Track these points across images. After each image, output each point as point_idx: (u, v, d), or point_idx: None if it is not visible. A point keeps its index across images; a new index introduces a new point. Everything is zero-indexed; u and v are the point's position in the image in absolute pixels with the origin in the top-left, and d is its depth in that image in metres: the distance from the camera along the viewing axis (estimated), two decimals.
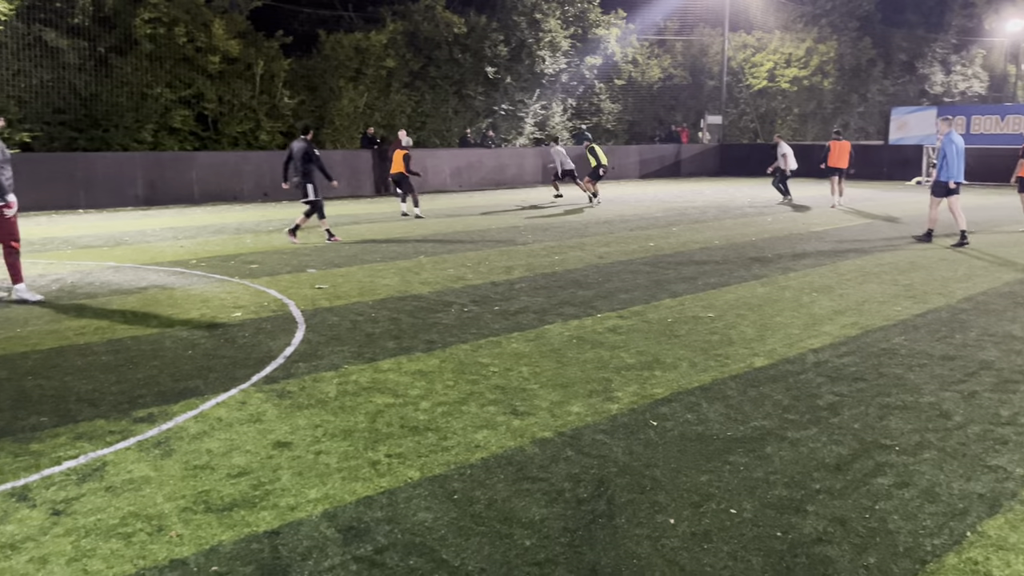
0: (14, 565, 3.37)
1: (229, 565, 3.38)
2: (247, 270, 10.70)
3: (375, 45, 27.23)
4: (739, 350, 6.74)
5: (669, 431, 4.91)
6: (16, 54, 20.28)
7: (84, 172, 19.71)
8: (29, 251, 12.45)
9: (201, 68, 23.49)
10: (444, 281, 9.91)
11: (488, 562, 3.42)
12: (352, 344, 6.92)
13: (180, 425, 4.99)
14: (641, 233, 14.77)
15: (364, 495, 4.03)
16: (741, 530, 3.70)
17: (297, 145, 13.24)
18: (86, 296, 9.00)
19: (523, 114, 32.09)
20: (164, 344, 6.93)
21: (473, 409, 5.29)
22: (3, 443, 4.70)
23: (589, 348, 6.80)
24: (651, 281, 9.90)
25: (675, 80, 37.59)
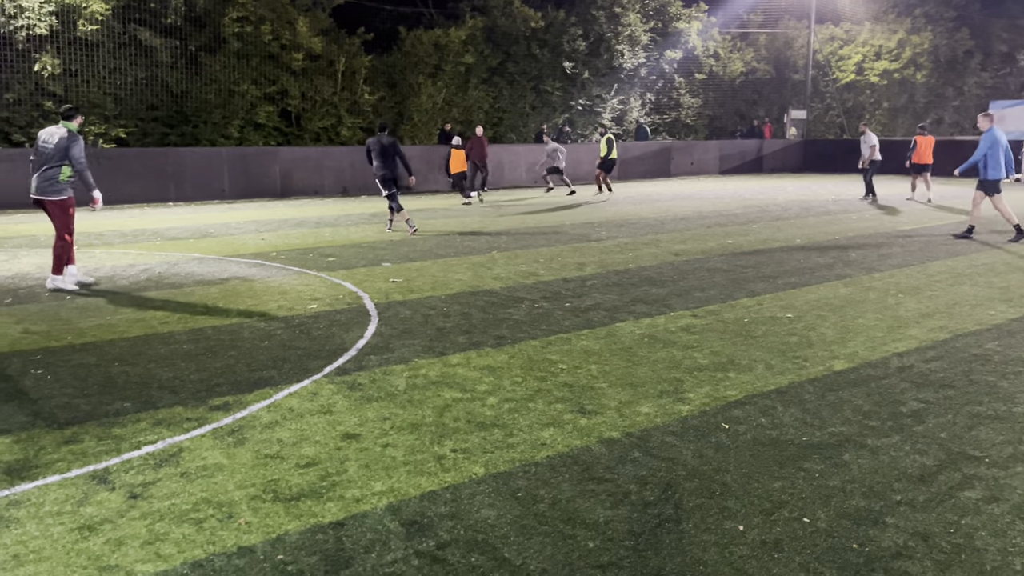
0: (91, 546, 3.48)
1: (294, 555, 3.42)
2: (324, 263, 10.91)
3: (454, 41, 27.42)
4: (818, 352, 6.52)
5: (742, 435, 4.77)
6: (112, 53, 21.16)
7: (174, 167, 20.44)
8: (122, 242, 12.98)
9: (285, 65, 24.08)
10: (516, 276, 9.89)
11: (550, 563, 3.37)
12: (423, 338, 6.97)
13: (253, 414, 5.10)
14: (719, 230, 14.46)
15: (428, 489, 4.04)
16: (814, 540, 3.55)
17: (385, 140, 13.55)
18: (172, 286, 9.31)
19: (600, 109, 31.84)
20: (242, 334, 7.11)
21: (540, 406, 5.24)
22: (88, 426, 4.88)
23: (661, 347, 6.68)
24: (728, 279, 9.67)
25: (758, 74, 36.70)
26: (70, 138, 8.91)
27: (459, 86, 28.22)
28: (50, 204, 9.01)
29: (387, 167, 13.52)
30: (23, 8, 19.52)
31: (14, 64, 19.70)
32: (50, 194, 8.93)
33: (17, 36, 19.50)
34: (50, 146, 8.91)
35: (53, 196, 8.95)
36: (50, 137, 8.98)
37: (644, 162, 29.97)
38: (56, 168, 8.86)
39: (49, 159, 8.86)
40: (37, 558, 3.38)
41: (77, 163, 8.88)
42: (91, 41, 20.65)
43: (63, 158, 8.85)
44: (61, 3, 20.03)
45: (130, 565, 3.33)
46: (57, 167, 8.86)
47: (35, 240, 13.15)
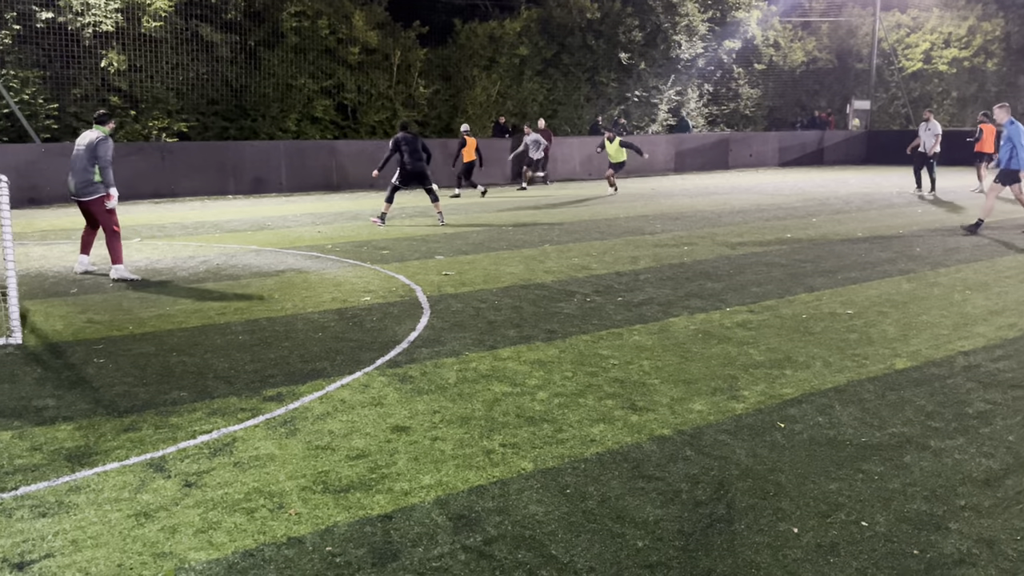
0: (146, 533, 3.56)
1: (343, 546, 3.44)
2: (378, 256, 10.99)
3: (509, 33, 27.35)
4: (879, 350, 6.32)
5: (797, 434, 4.65)
6: (175, 48, 21.64)
7: (234, 160, 20.83)
8: (183, 234, 13.29)
9: (342, 59, 24.32)
10: (568, 270, 9.83)
11: (598, 561, 3.33)
12: (474, 331, 6.96)
13: (306, 405, 5.16)
14: (777, 223, 14.17)
15: (477, 484, 4.02)
16: (872, 545, 3.44)
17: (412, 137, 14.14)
18: (229, 278, 9.49)
19: (656, 100, 31.46)
20: (296, 326, 7.20)
21: (590, 402, 5.19)
22: (147, 415, 4.99)
23: (715, 343, 6.56)
24: (786, 274, 9.46)
25: (820, 64, 35.81)
26: (100, 140, 9.39)
27: (513, 78, 28.16)
28: (90, 204, 9.49)
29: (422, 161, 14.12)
30: (90, 5, 20.08)
31: (81, 60, 20.29)
32: (89, 194, 9.41)
33: (84, 33, 20.08)
34: (83, 148, 9.38)
35: (92, 196, 9.42)
36: (83, 141, 9.48)
37: (701, 154, 29.55)
38: (89, 171, 9.32)
39: (83, 161, 9.34)
40: (95, 543, 3.46)
41: (101, 160, 9.31)
42: (155, 37, 21.15)
43: (94, 158, 9.31)
44: (126, 0, 20.55)
45: (183, 552, 3.39)
46: (92, 168, 9.33)
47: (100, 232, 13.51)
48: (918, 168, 19.78)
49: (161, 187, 19.71)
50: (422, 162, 14.06)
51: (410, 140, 14.08)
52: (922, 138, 19.51)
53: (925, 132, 19.44)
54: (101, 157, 9.31)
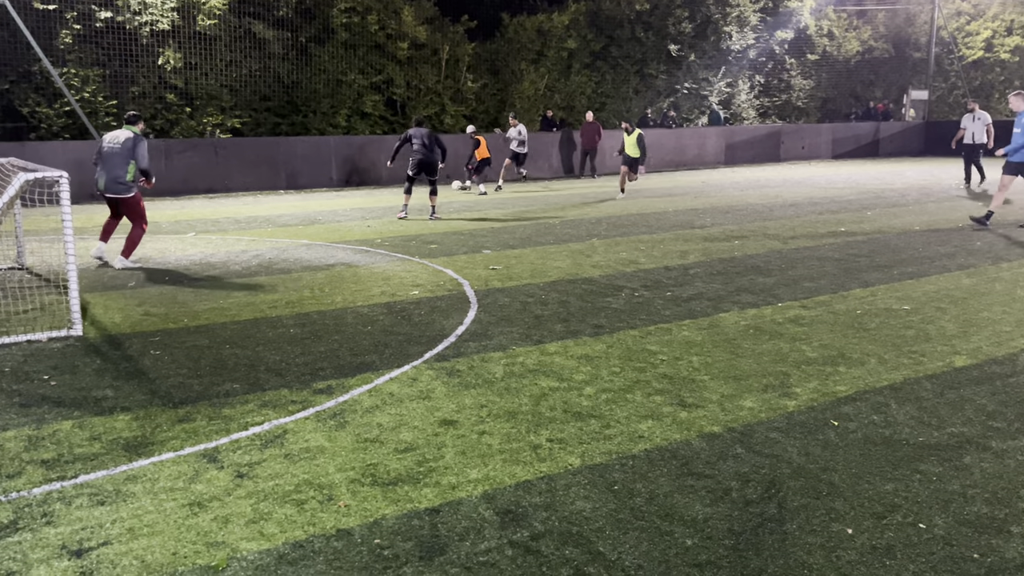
0: (200, 522, 3.63)
1: (390, 539, 3.46)
2: (427, 250, 11.05)
3: (557, 26, 27.24)
4: (937, 347, 6.15)
5: (851, 433, 4.55)
6: (228, 46, 22.01)
7: (285, 156, 21.13)
8: (236, 229, 13.53)
9: (391, 54, 24.48)
10: (616, 264, 9.76)
11: (646, 559, 3.30)
12: (521, 325, 6.96)
13: (355, 398, 5.21)
14: (831, 217, 13.88)
15: (524, 479, 4.02)
16: (930, 548, 3.35)
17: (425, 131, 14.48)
18: (281, 272, 9.63)
19: (707, 92, 31.05)
20: (346, 319, 7.28)
21: (638, 398, 5.15)
22: (201, 407, 5.09)
23: (767, 339, 6.45)
24: (840, 269, 9.26)
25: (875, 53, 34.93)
26: (136, 139, 9.82)
27: (561, 72, 28.04)
28: (121, 202, 9.92)
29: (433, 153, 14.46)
30: (147, 4, 20.53)
31: (139, 59, 20.76)
32: (120, 192, 9.81)
33: (142, 31, 20.54)
34: (117, 146, 9.76)
35: (124, 194, 9.83)
36: (115, 140, 9.84)
37: (752, 147, 29.10)
38: (123, 169, 9.71)
39: (116, 159, 9.71)
40: (150, 532, 3.54)
41: (141, 161, 9.78)
42: (209, 35, 21.53)
43: (129, 158, 9.72)
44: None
45: (235, 542, 3.45)
46: (124, 167, 9.71)
47: (157, 226, 13.84)
48: (968, 161, 19.16)
49: (215, 182, 20.10)
50: (433, 154, 14.40)
51: (421, 133, 14.47)
52: (969, 129, 18.87)
53: (973, 123, 18.76)
54: (141, 157, 9.78)
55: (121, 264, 9.96)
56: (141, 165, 9.80)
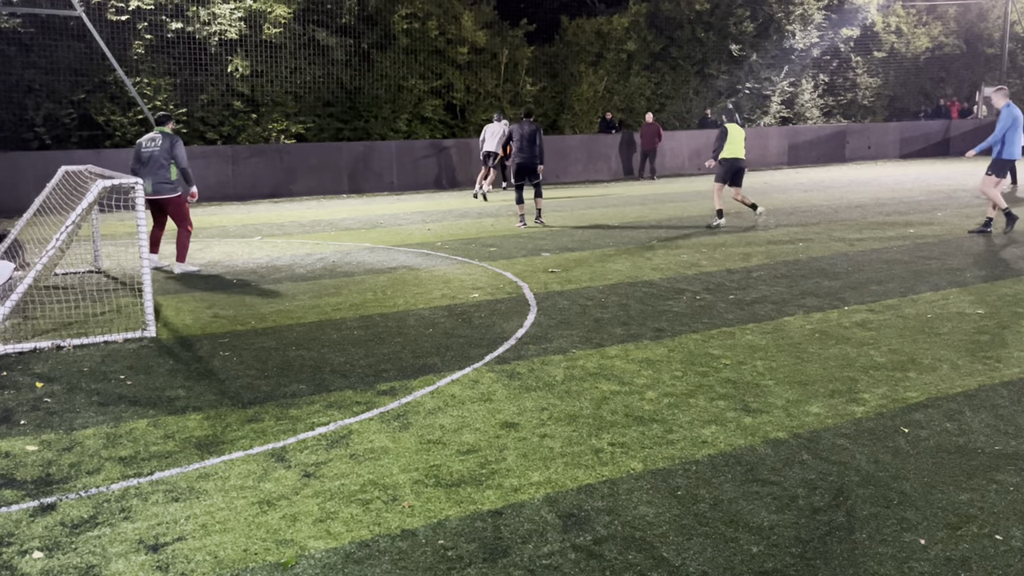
0: (269, 520, 3.72)
1: (454, 540, 3.50)
2: (486, 253, 11.12)
3: (616, 29, 27.12)
4: (1014, 353, 5.95)
5: (923, 440, 4.43)
6: (293, 53, 22.49)
7: (347, 160, 21.49)
8: (301, 232, 13.80)
9: (450, 59, 24.69)
10: (676, 267, 9.67)
11: (711, 565, 3.26)
12: (580, 329, 6.95)
13: (418, 400, 5.27)
14: (899, 218, 13.51)
15: (586, 483, 4.01)
16: (1007, 560, 3.24)
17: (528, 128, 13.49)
18: (344, 274, 9.80)
19: (769, 92, 30.53)
20: (408, 322, 7.37)
21: (701, 403, 5.09)
22: (268, 407, 5.22)
23: (833, 344, 6.32)
24: (909, 272, 9.02)
25: (946, 49, 33.87)
26: (172, 140, 9.87)
27: (620, 73, 27.90)
28: (166, 202, 9.94)
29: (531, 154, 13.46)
30: (216, 15, 21.12)
31: (208, 67, 21.36)
32: (166, 192, 9.84)
33: (211, 41, 21.13)
34: (157, 149, 9.80)
35: (169, 195, 9.86)
36: (151, 142, 9.88)
37: (816, 147, 28.52)
38: (166, 169, 9.77)
39: (157, 160, 9.77)
40: (222, 528, 3.65)
41: (181, 161, 9.84)
42: (275, 43, 22.04)
43: (169, 158, 9.77)
44: (249, 9, 21.50)
45: (303, 540, 3.53)
46: (166, 168, 9.77)
47: (224, 231, 14.21)
48: None
49: (279, 187, 20.55)
50: (533, 156, 13.40)
51: (522, 131, 13.45)
52: None
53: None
54: (180, 158, 9.83)
55: (181, 269, 10.13)
56: (181, 164, 9.85)
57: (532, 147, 13.42)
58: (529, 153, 13.44)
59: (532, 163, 13.49)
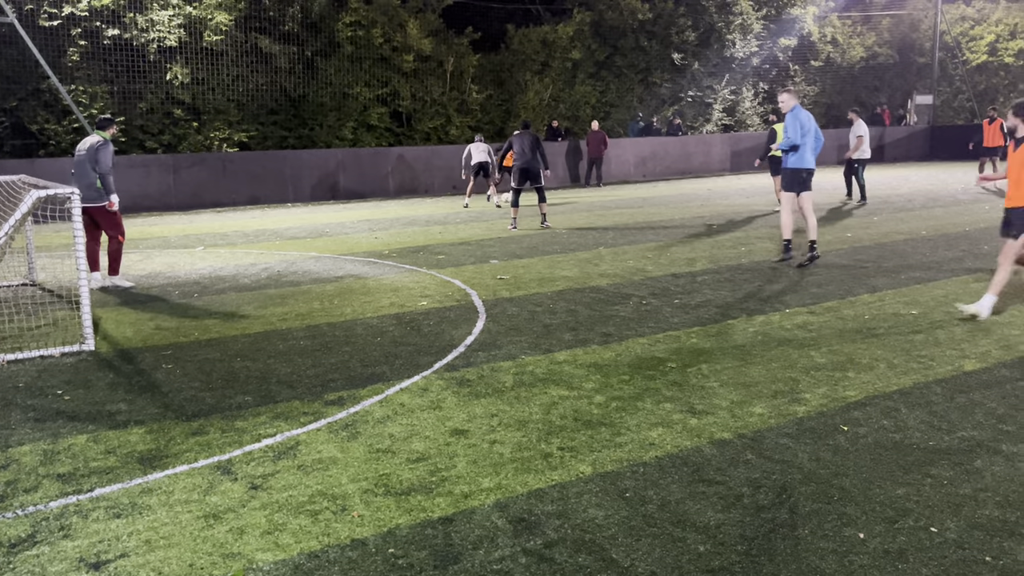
0: (215, 534, 3.66)
1: (405, 549, 3.49)
2: (434, 260, 11.10)
3: (561, 37, 27.37)
4: (946, 352, 6.16)
5: (862, 438, 4.56)
6: (235, 61, 22.19)
7: (292, 169, 21.25)
8: (245, 242, 13.60)
9: (396, 67, 24.63)
10: (623, 273, 9.78)
11: (659, 565, 3.31)
12: (530, 335, 6.98)
13: (366, 409, 5.24)
14: (837, 223, 13.88)
15: (536, 487, 4.04)
16: (943, 552, 3.36)
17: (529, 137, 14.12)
18: (290, 284, 9.68)
19: (711, 100, 31.11)
20: (356, 331, 7.32)
21: (648, 405, 5.16)
22: (213, 419, 5.13)
23: (775, 346, 6.46)
24: (847, 275, 9.27)
25: (880, 59, 34.97)
26: (100, 144, 9.28)
27: (566, 82, 28.16)
28: (94, 211, 9.33)
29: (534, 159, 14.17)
30: (154, 22, 20.72)
31: (147, 75, 20.94)
32: (92, 200, 9.23)
33: (149, 48, 20.72)
34: (84, 153, 9.29)
35: (95, 203, 9.27)
36: (83, 146, 9.39)
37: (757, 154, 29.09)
38: (93, 176, 9.21)
39: (85, 167, 9.23)
40: (167, 544, 3.57)
41: (101, 166, 9.18)
42: (216, 50, 21.71)
43: (95, 164, 9.20)
44: (189, 16, 21.15)
45: (251, 553, 3.48)
46: (94, 174, 9.20)
47: (166, 241, 13.93)
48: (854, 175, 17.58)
49: (222, 196, 20.22)
50: (535, 161, 14.04)
51: (523, 140, 14.08)
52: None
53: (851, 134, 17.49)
54: (101, 163, 9.18)
55: (112, 283, 9.58)
56: (100, 170, 9.14)
57: (535, 154, 14.09)
58: (532, 159, 14.07)
59: (536, 168, 14.13)
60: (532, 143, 14.05)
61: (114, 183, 9.39)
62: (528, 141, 14.06)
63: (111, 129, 9.65)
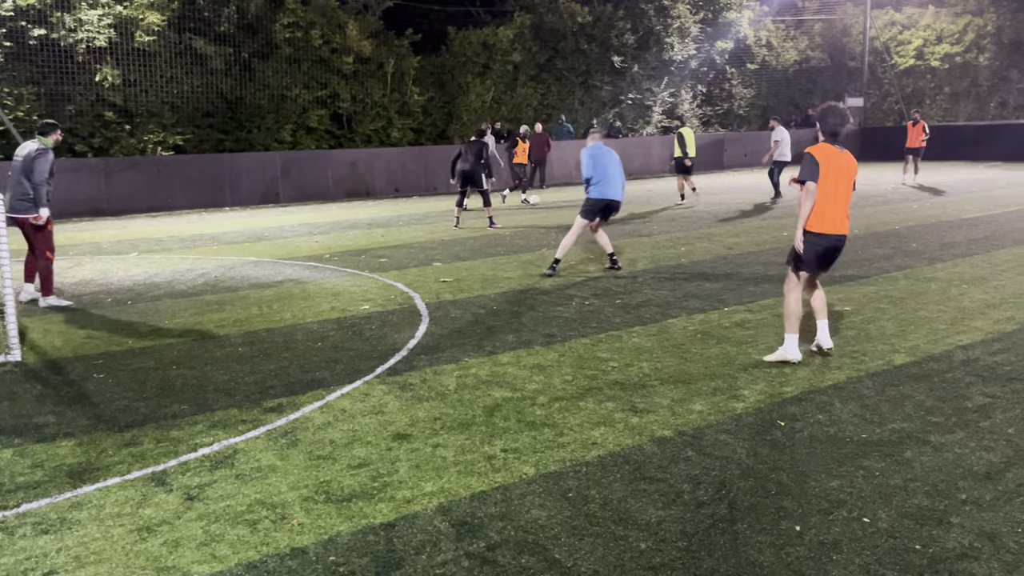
0: (149, 547, 3.55)
1: (346, 556, 3.44)
2: (376, 264, 11.00)
3: (502, 40, 27.41)
4: (877, 346, 6.33)
5: (798, 432, 4.66)
6: (169, 62, 21.67)
7: (230, 172, 20.85)
8: (181, 247, 13.29)
9: (336, 69, 24.35)
10: (566, 273, 9.83)
11: (601, 564, 3.33)
12: (473, 337, 6.97)
13: (306, 415, 5.16)
14: (774, 223, 14.19)
15: (479, 490, 4.02)
16: (875, 541, 3.45)
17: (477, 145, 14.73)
18: (228, 290, 9.49)
19: (651, 103, 31.52)
20: (295, 336, 7.20)
21: (591, 405, 5.20)
22: (147, 429, 4.99)
23: (714, 343, 6.56)
24: (783, 273, 9.43)
25: (813, 62, 35.89)
26: (38, 151, 8.52)
27: (507, 84, 28.21)
28: (25, 222, 8.61)
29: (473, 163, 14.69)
30: (83, 22, 20.11)
31: (75, 76, 20.31)
32: (21, 211, 8.53)
33: (78, 49, 20.11)
34: (20, 160, 8.56)
35: (25, 214, 8.54)
36: (20, 152, 8.64)
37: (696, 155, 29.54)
38: (26, 184, 8.48)
39: (18, 174, 8.52)
40: (97, 559, 3.46)
41: (36, 175, 8.41)
42: (148, 51, 21.18)
43: (30, 172, 8.44)
44: (119, 16, 20.59)
45: (187, 566, 3.39)
46: (27, 183, 8.47)
47: (98, 247, 13.54)
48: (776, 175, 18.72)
49: (157, 201, 19.72)
50: (477, 166, 14.54)
51: (469, 146, 14.75)
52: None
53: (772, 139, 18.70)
54: (37, 172, 8.40)
55: (46, 303, 8.76)
56: (34, 180, 8.36)
57: (477, 160, 14.61)
58: (475, 164, 14.59)
59: (475, 174, 14.63)
60: (477, 150, 14.64)
61: (49, 195, 8.61)
62: (474, 148, 14.67)
63: (54, 135, 8.77)
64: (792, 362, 5.88)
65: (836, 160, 5.83)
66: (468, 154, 14.68)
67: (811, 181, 5.78)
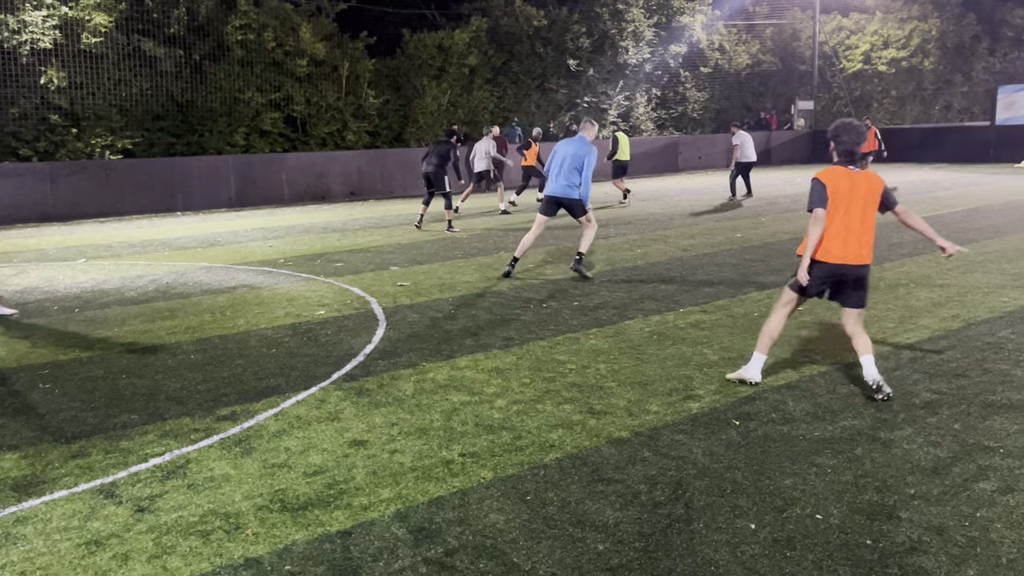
0: (97, 562, 3.47)
1: (302, 565, 3.39)
2: (332, 268, 10.90)
3: (458, 43, 27.39)
4: (828, 345, 6.45)
5: (752, 431, 4.72)
6: (116, 64, 21.22)
7: (181, 176, 20.48)
8: (130, 253, 13.01)
9: (289, 71, 24.09)
10: (523, 276, 9.84)
11: (560, 566, 3.33)
12: (430, 341, 6.94)
13: (261, 423, 5.08)
14: (728, 224, 14.38)
15: (436, 495, 4.00)
16: (827, 537, 3.50)
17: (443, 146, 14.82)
18: (179, 296, 9.32)
19: (606, 106, 31.75)
20: (249, 343, 7.10)
21: (548, 408, 5.20)
22: (96, 440, 4.87)
23: (670, 344, 6.62)
24: (737, 274, 9.60)
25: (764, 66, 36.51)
26: None
27: (463, 87, 28.18)
28: None
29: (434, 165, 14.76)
30: (26, 23, 19.61)
31: (19, 78, 19.78)
32: None
33: (21, 51, 19.60)
34: None
35: None
36: None
37: (651, 158, 29.85)
38: None
39: None
40: (44, 574, 3.36)
41: None
42: (95, 53, 20.72)
43: None
44: (65, 17, 20.11)
45: None
46: None
47: (44, 254, 13.20)
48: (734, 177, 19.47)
49: (106, 206, 19.30)
50: (439, 168, 14.56)
51: (433, 148, 14.78)
52: None
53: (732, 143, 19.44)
54: None
55: None
56: None
57: (440, 161, 14.64)
58: (438, 166, 14.64)
59: (435, 176, 14.68)
60: (443, 152, 14.71)
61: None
62: (439, 149, 14.75)
63: None
64: (751, 383, 5.51)
65: (849, 183, 5.14)
66: (432, 155, 14.73)
67: (819, 208, 5.13)
